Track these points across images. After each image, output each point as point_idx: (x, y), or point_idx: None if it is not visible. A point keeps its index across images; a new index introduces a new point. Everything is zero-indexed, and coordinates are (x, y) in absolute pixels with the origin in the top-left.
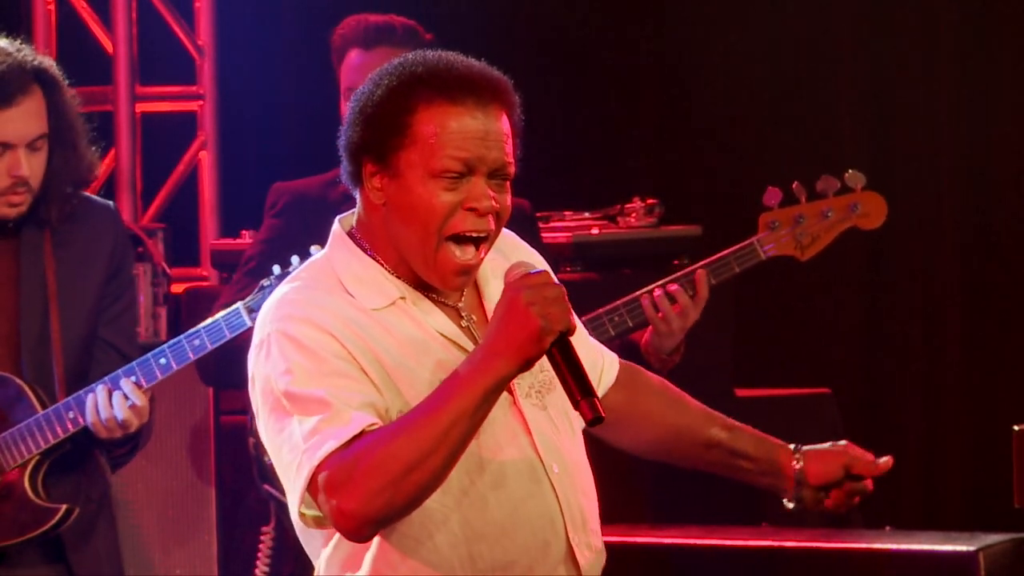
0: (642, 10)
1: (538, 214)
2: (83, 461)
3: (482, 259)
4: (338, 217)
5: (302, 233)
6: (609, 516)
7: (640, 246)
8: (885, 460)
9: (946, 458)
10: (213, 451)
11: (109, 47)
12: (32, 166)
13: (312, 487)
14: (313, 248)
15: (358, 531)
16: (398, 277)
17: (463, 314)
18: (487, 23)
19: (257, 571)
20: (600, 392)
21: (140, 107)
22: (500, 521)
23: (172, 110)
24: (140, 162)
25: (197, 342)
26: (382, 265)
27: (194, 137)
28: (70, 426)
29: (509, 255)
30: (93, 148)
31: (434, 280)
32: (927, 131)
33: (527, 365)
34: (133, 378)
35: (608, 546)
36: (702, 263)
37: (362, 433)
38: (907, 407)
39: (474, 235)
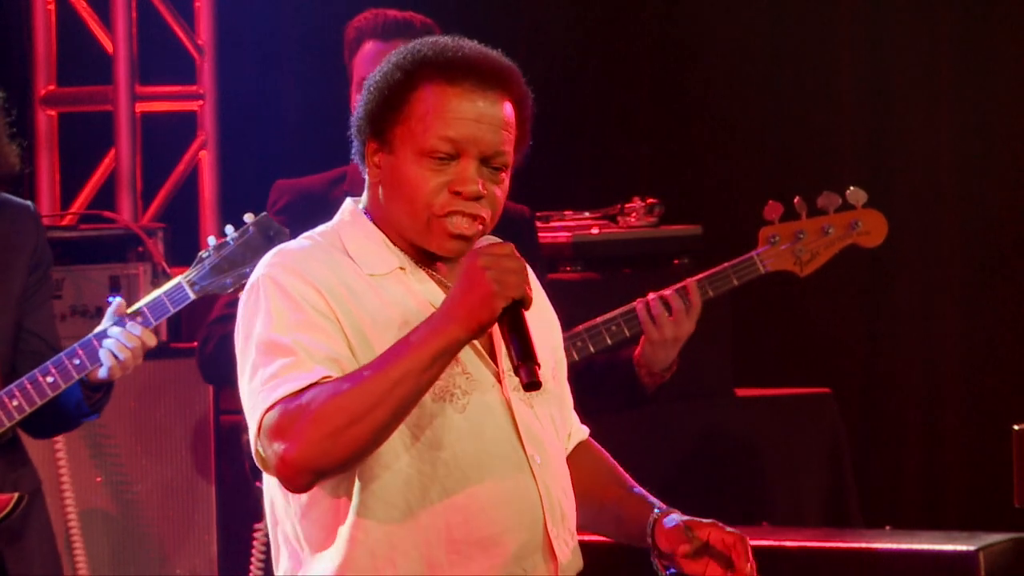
0: (645, 9)
1: (538, 214)
2: (11, 453)
3: (479, 232)
4: (350, 198)
5: (304, 231)
6: None
7: (640, 246)
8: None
9: (946, 457)
10: (213, 450)
11: (109, 47)
12: None
13: (259, 429)
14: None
15: (295, 478)
16: (400, 248)
17: None
18: (488, 20)
19: (252, 568)
20: (571, 446)
21: (140, 107)
22: (480, 497)
23: (172, 110)
24: (140, 162)
25: (140, 319)
26: (385, 236)
27: (194, 137)
28: (15, 413)
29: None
30: (14, 145)
31: (431, 245)
32: (927, 138)
33: (479, 331)
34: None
35: (606, 546)
36: (699, 276)
37: (318, 383)
38: (907, 406)
39: (463, 213)
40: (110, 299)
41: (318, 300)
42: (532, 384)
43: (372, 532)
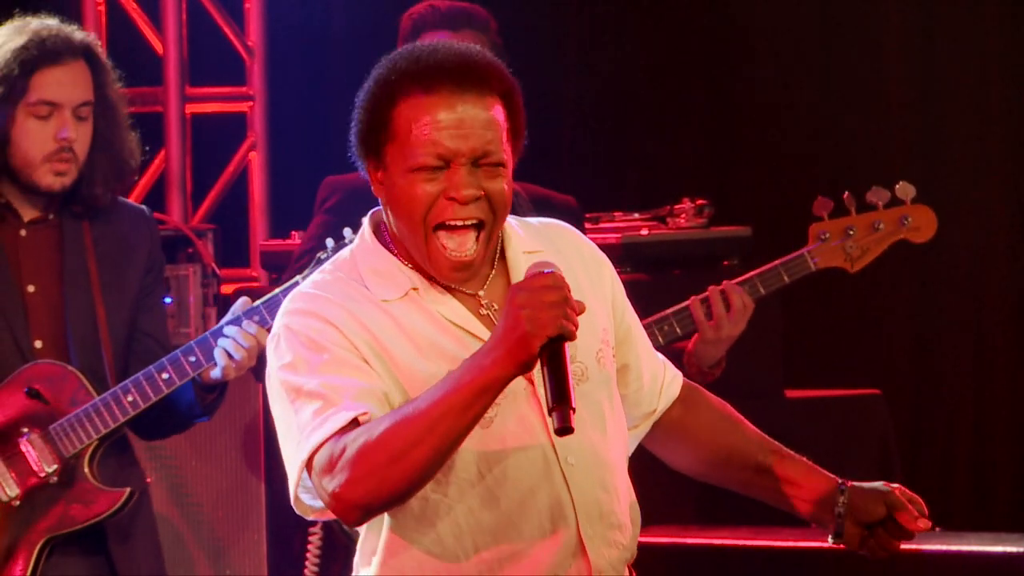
0: (696, 10)
1: (587, 215)
2: (121, 452)
3: (482, 251)
4: (371, 211)
5: (356, 227)
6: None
7: (690, 247)
8: (925, 523)
9: (996, 459)
10: (263, 451)
11: (159, 48)
12: (78, 133)
13: (309, 472)
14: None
15: (347, 515)
16: (413, 269)
17: (484, 302)
18: (538, 20)
19: (306, 571)
20: (660, 406)
21: (190, 108)
22: (507, 512)
23: (222, 111)
24: (190, 163)
25: (256, 318)
26: (397, 257)
27: (244, 138)
28: (130, 409)
29: (561, 247)
30: (135, 135)
31: (434, 273)
32: (977, 133)
33: (522, 369)
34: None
35: (646, 546)
36: (750, 274)
37: (355, 421)
38: (957, 408)
39: (459, 223)
40: (161, 300)
41: (338, 337)
42: (564, 430)
43: (401, 555)
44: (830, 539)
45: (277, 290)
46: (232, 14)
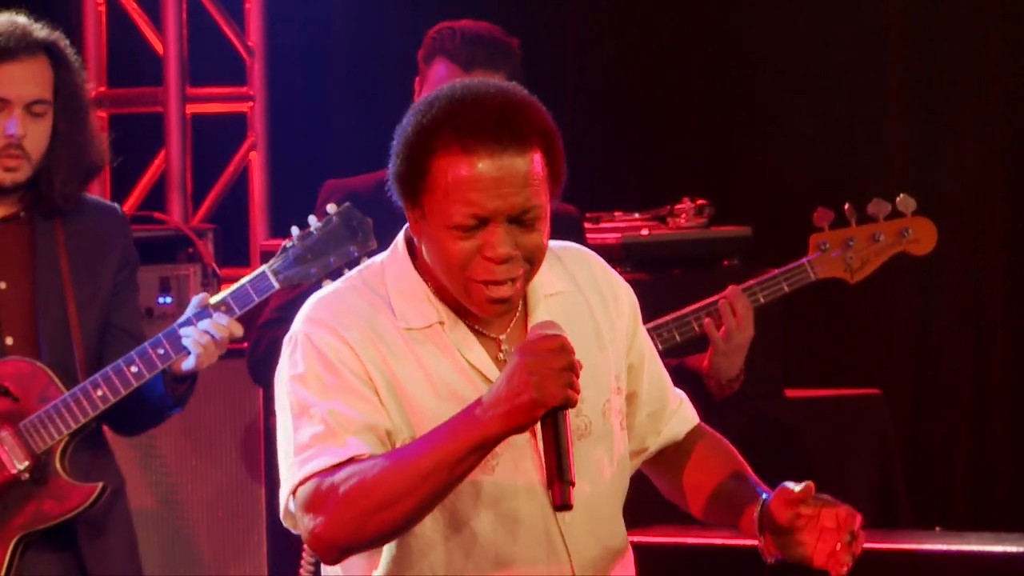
0: (695, 10)
1: (587, 215)
2: (94, 447)
3: (519, 290)
4: (406, 226)
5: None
6: (636, 517)
7: (690, 247)
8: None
9: (996, 458)
10: (263, 451)
11: (159, 48)
12: (31, 132)
13: (293, 498)
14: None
15: (325, 553)
16: (441, 300)
17: (503, 348)
18: (537, 21)
19: (302, 572)
20: (661, 442)
21: (190, 108)
22: (502, 565)
23: (222, 111)
24: (190, 163)
25: (224, 309)
26: (428, 285)
27: (244, 138)
28: (100, 403)
29: (582, 283)
30: (103, 134)
31: (473, 308)
32: (977, 145)
33: (519, 429)
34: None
35: (647, 546)
36: (749, 282)
37: (350, 460)
38: (957, 407)
39: (494, 281)
40: (160, 300)
41: (353, 361)
42: (563, 507)
43: None
44: (767, 559)
45: (242, 281)
46: (232, 14)
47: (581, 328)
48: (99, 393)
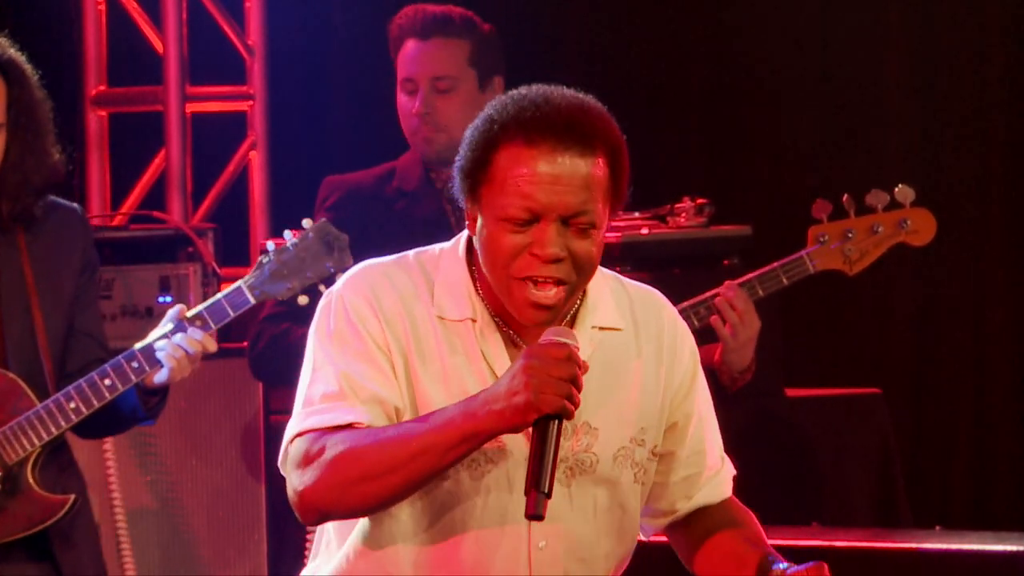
0: (694, 11)
1: None
2: (60, 456)
3: (562, 299)
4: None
5: (356, 228)
6: None
7: (690, 246)
8: None
9: (996, 457)
10: (263, 450)
11: (159, 47)
12: None
13: (287, 451)
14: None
15: (304, 514)
16: (483, 299)
17: None
18: (536, 19)
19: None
20: (691, 506)
21: (190, 107)
22: (463, 564)
23: (222, 110)
24: (190, 162)
25: (199, 323)
26: (475, 283)
27: (244, 137)
28: (73, 416)
29: (642, 329)
30: (59, 149)
31: (513, 310)
32: (976, 135)
33: (511, 429)
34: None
35: (647, 546)
36: (747, 276)
37: (349, 426)
38: (957, 406)
39: (540, 279)
40: (161, 300)
41: (379, 333)
42: (534, 516)
43: (359, 561)
44: None
45: (218, 296)
46: (232, 13)
47: (619, 369)
48: (72, 405)
